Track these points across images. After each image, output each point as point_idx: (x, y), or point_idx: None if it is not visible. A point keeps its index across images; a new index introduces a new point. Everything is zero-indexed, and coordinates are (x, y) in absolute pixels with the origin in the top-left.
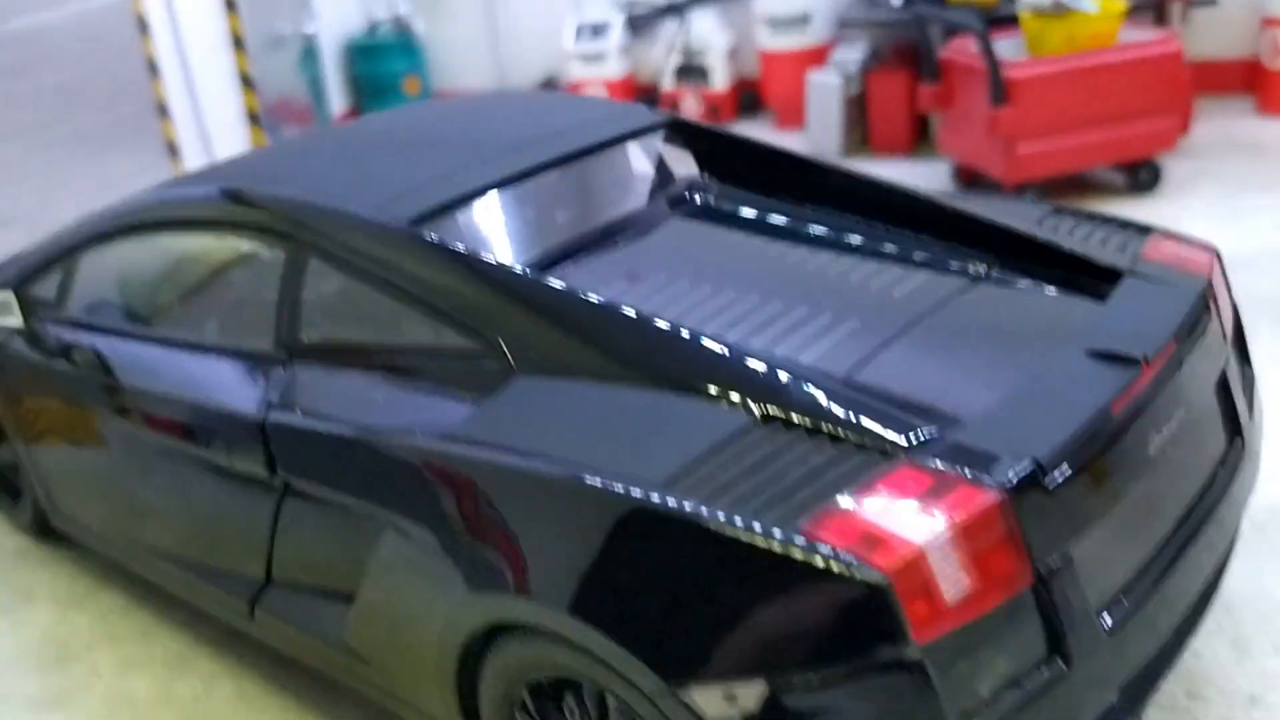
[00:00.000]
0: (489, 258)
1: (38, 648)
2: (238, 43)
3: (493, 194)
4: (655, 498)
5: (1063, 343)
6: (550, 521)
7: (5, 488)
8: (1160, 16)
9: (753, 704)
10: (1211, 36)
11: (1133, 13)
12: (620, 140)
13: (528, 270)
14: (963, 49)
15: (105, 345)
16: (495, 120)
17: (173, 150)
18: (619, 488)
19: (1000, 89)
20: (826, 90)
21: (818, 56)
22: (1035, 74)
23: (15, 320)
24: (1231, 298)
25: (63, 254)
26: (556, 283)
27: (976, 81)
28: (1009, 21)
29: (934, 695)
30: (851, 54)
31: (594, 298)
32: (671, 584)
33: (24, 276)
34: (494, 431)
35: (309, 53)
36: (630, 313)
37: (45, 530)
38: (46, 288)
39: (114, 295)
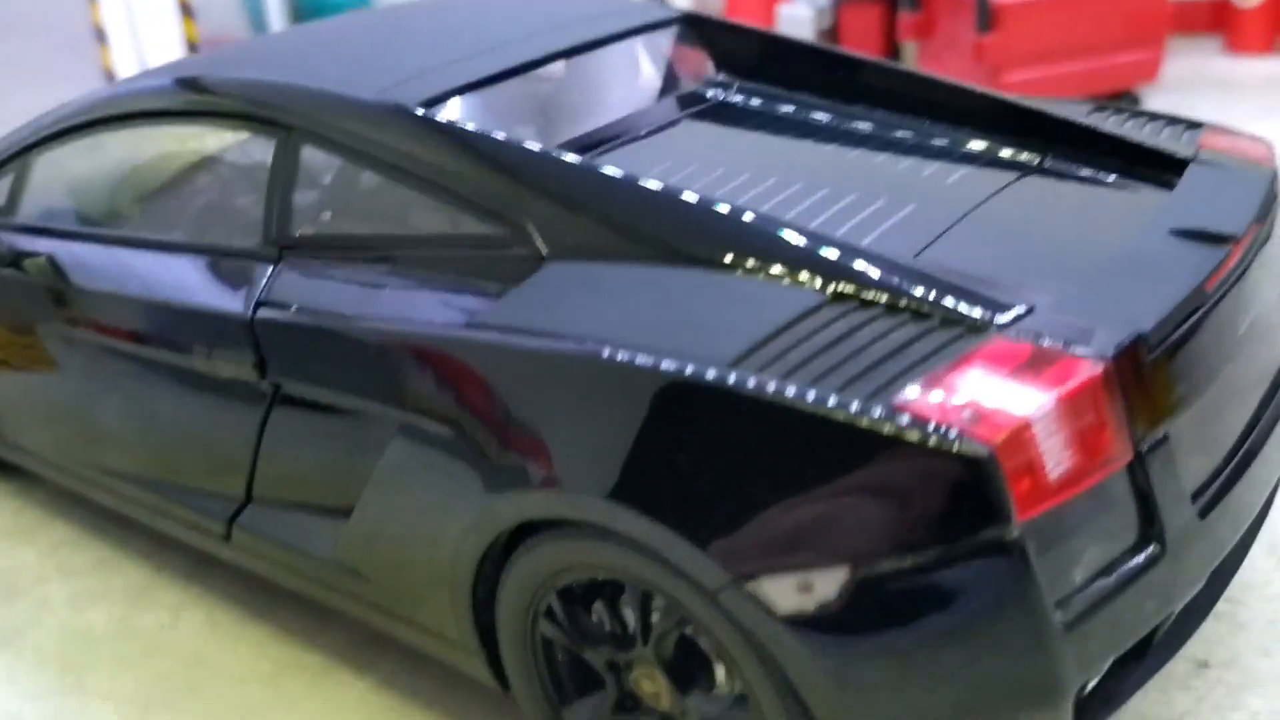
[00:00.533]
0: (511, 139)
1: None
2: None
3: (504, 82)
4: (722, 375)
5: (1141, 225)
6: (600, 409)
7: None
8: None
9: (833, 593)
10: None
11: None
12: (633, 33)
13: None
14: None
15: (63, 250)
16: (497, 13)
17: (110, 79)
18: (680, 367)
19: (987, 15)
20: (797, 24)
21: None
22: (1023, 0)
23: None
24: None
25: (12, 157)
26: (597, 163)
27: (962, 9)
28: None
29: (1032, 580)
30: None
31: (634, 178)
32: (740, 469)
33: None
34: (527, 317)
35: (259, 23)
36: (673, 191)
37: None
38: None
39: (72, 198)
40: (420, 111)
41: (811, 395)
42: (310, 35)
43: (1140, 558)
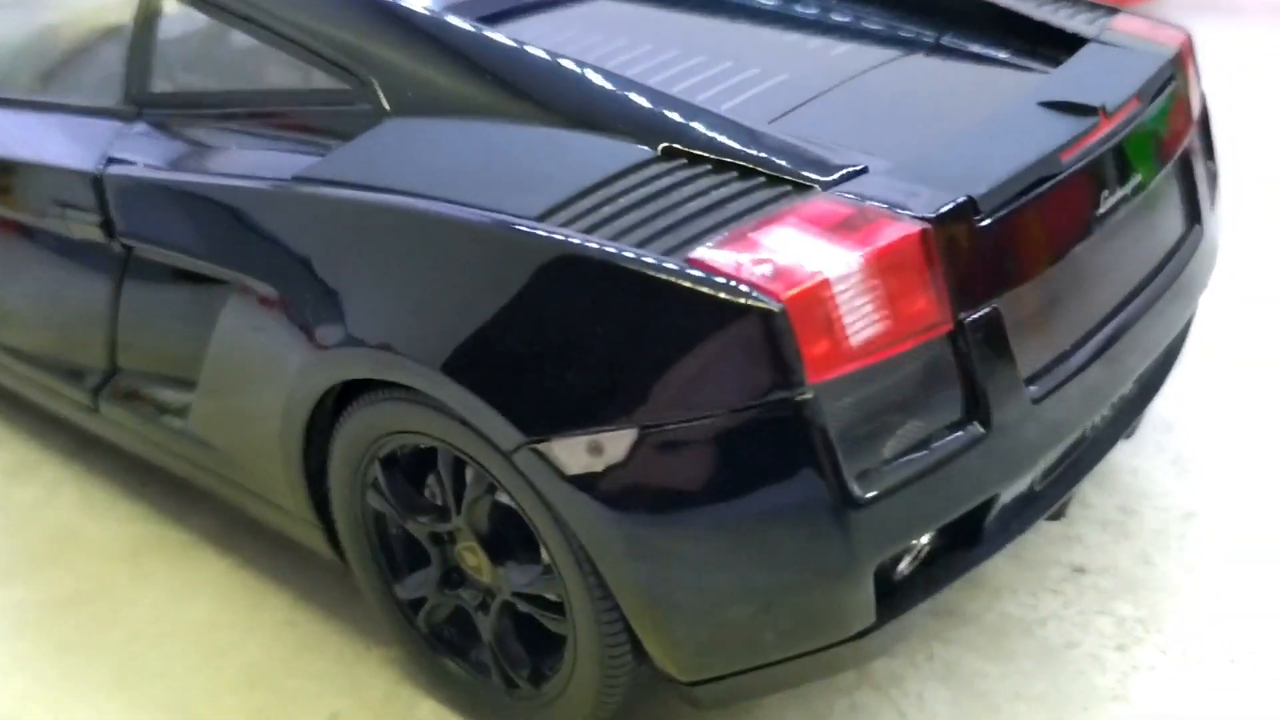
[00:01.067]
0: None
1: None
2: None
3: None
4: (523, 228)
5: (1013, 98)
6: (410, 263)
7: None
8: None
9: (621, 454)
10: None
11: None
12: None
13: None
14: None
15: None
16: None
17: None
18: (482, 219)
19: None
20: None
21: None
22: None
23: None
24: (1200, 86)
25: None
26: (439, 14)
27: None
28: None
29: (829, 447)
30: None
31: (480, 29)
32: (536, 326)
33: None
34: (354, 171)
35: None
36: (520, 45)
37: None
38: None
39: None
40: None
41: (609, 248)
42: None
43: (960, 435)
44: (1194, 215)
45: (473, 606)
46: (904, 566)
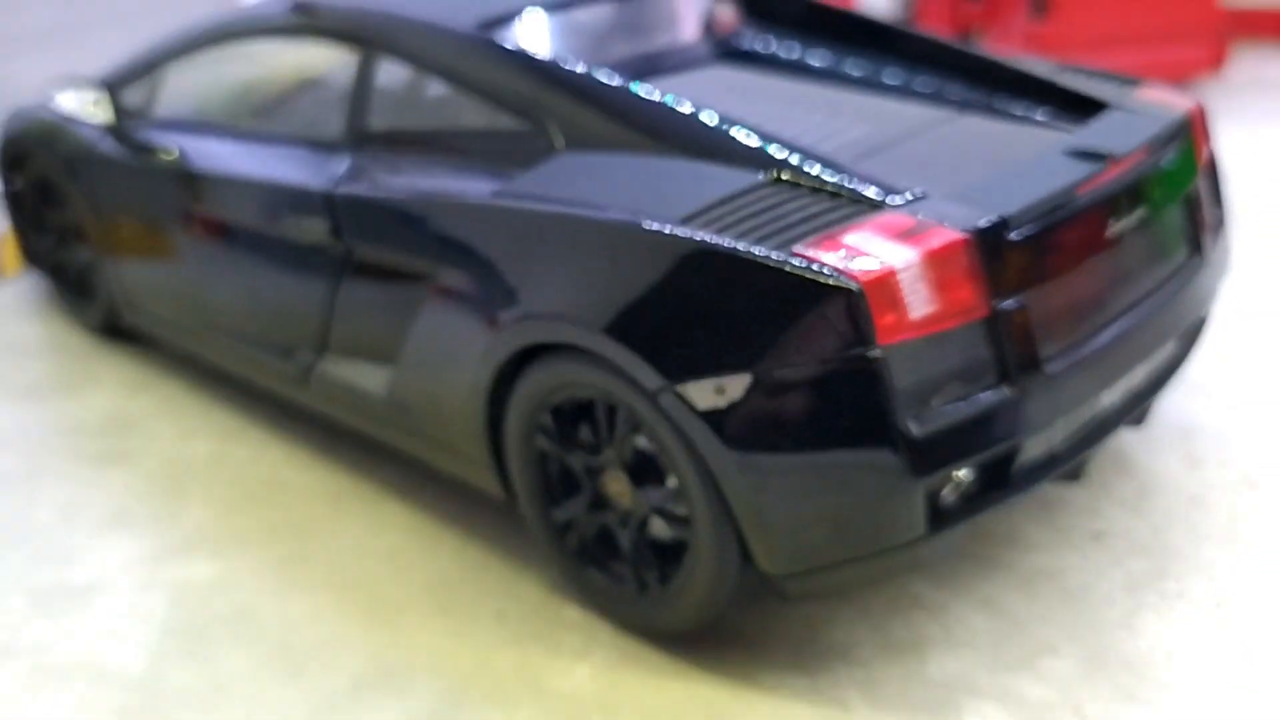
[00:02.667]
0: (542, 55)
1: (102, 419)
2: None
3: (549, 12)
4: (670, 229)
5: (1043, 147)
6: (583, 255)
7: (80, 289)
8: None
9: (739, 394)
10: None
11: None
12: None
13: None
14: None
15: (186, 141)
16: None
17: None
18: (639, 221)
19: (1041, 4)
20: (879, 10)
21: None
22: None
23: (108, 116)
24: (1211, 145)
25: (151, 65)
26: (601, 73)
27: (1022, 6)
28: None
29: (892, 393)
30: None
31: (634, 86)
32: (679, 300)
33: (117, 80)
34: (540, 190)
35: None
36: (666, 98)
37: (112, 330)
38: (136, 95)
39: (196, 100)
40: (476, 31)
41: (733, 243)
42: None
43: (991, 395)
44: (1196, 245)
45: (615, 524)
46: (948, 494)
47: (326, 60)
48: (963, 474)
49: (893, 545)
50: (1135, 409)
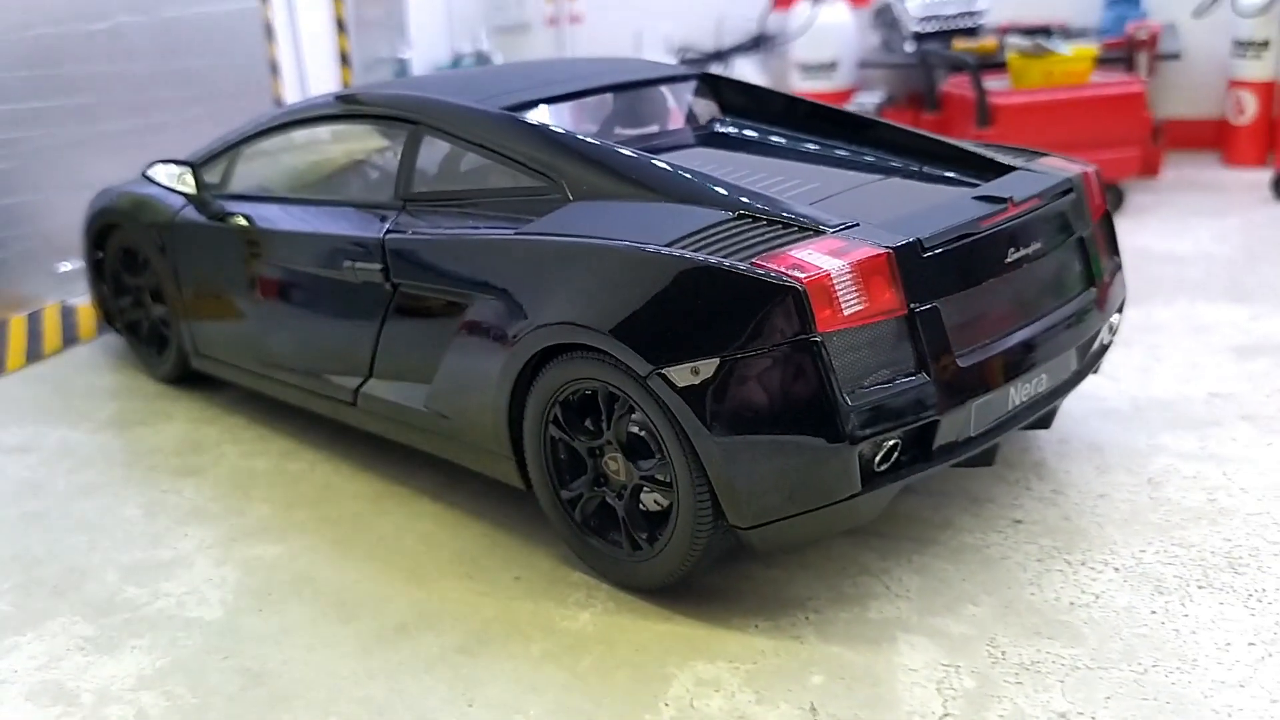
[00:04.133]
0: (556, 129)
1: (176, 443)
2: (344, 59)
3: (562, 102)
4: (658, 250)
5: (959, 195)
6: (590, 273)
7: (153, 343)
8: (1130, 66)
9: (710, 374)
10: (1186, 99)
11: (1108, 64)
12: (661, 81)
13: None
14: (960, 84)
15: (255, 209)
16: (572, 66)
17: (278, 103)
18: (637, 247)
19: (985, 113)
20: None
21: (843, 99)
22: (1015, 102)
23: (190, 188)
24: (1105, 203)
25: (227, 147)
26: (600, 143)
27: (969, 109)
28: (1002, 66)
29: (829, 368)
30: (871, 97)
31: (629, 151)
32: (664, 303)
33: (199, 160)
34: (555, 228)
35: (401, 74)
36: (654, 159)
37: (181, 378)
38: (214, 173)
39: (263, 175)
40: (503, 112)
41: (708, 259)
42: (434, 76)
43: (911, 379)
44: (1090, 280)
45: (613, 497)
46: (879, 461)
47: (369, 138)
48: (890, 443)
49: (834, 500)
50: (1041, 410)
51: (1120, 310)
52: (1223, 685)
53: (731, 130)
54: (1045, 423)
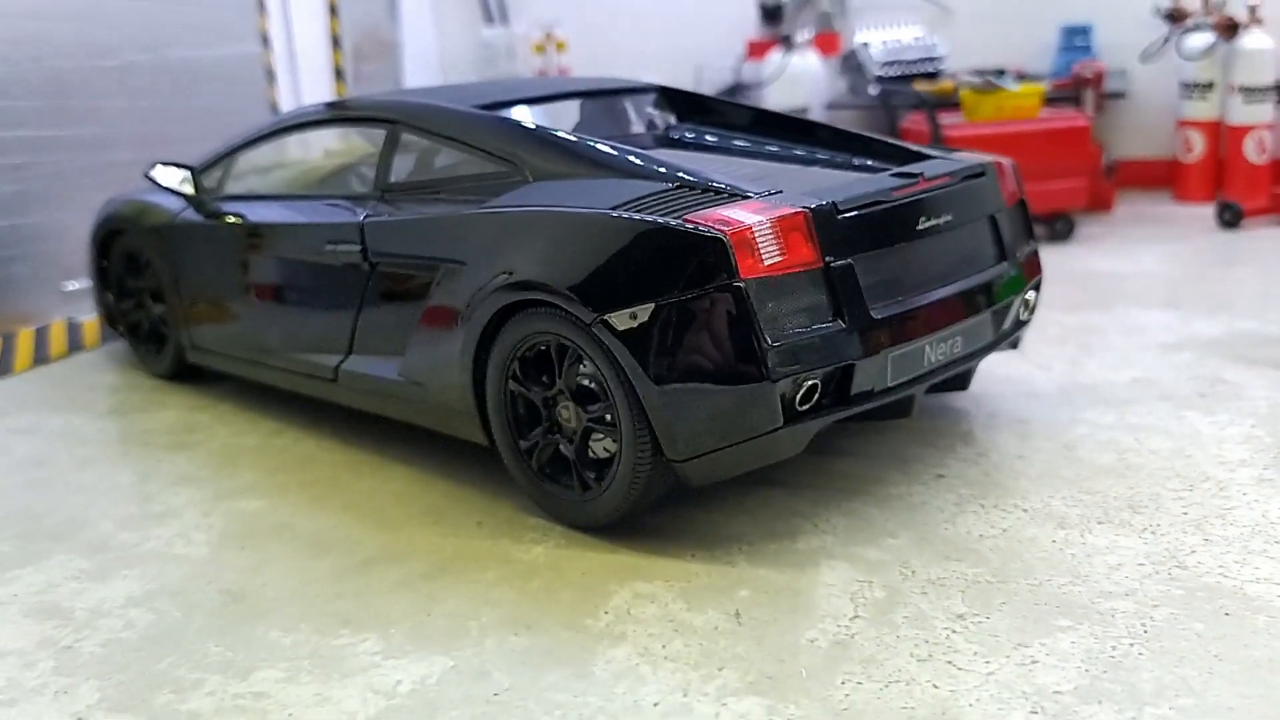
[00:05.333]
0: (521, 121)
1: (170, 426)
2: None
3: (527, 105)
4: (605, 212)
5: (879, 176)
6: (548, 236)
7: (152, 341)
8: (1077, 103)
9: (646, 318)
10: (1138, 140)
11: (1058, 102)
12: (622, 93)
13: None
14: (918, 120)
15: (249, 208)
16: (542, 81)
17: (274, 110)
18: (584, 210)
19: (939, 144)
20: None
21: None
22: (967, 133)
23: (189, 189)
24: (1021, 190)
25: (225, 153)
26: (557, 132)
27: (925, 141)
28: (958, 105)
29: (752, 314)
30: None
31: (584, 139)
32: (606, 257)
33: (199, 165)
34: (517, 202)
35: None
36: (603, 145)
37: (177, 374)
38: (212, 177)
39: (258, 178)
40: (476, 110)
41: (647, 217)
42: (413, 89)
43: (828, 325)
44: (1002, 255)
45: (565, 444)
46: (800, 400)
47: (353, 141)
48: (810, 383)
49: (758, 433)
50: (958, 369)
51: (1037, 289)
52: (1109, 595)
53: (686, 134)
54: (963, 383)
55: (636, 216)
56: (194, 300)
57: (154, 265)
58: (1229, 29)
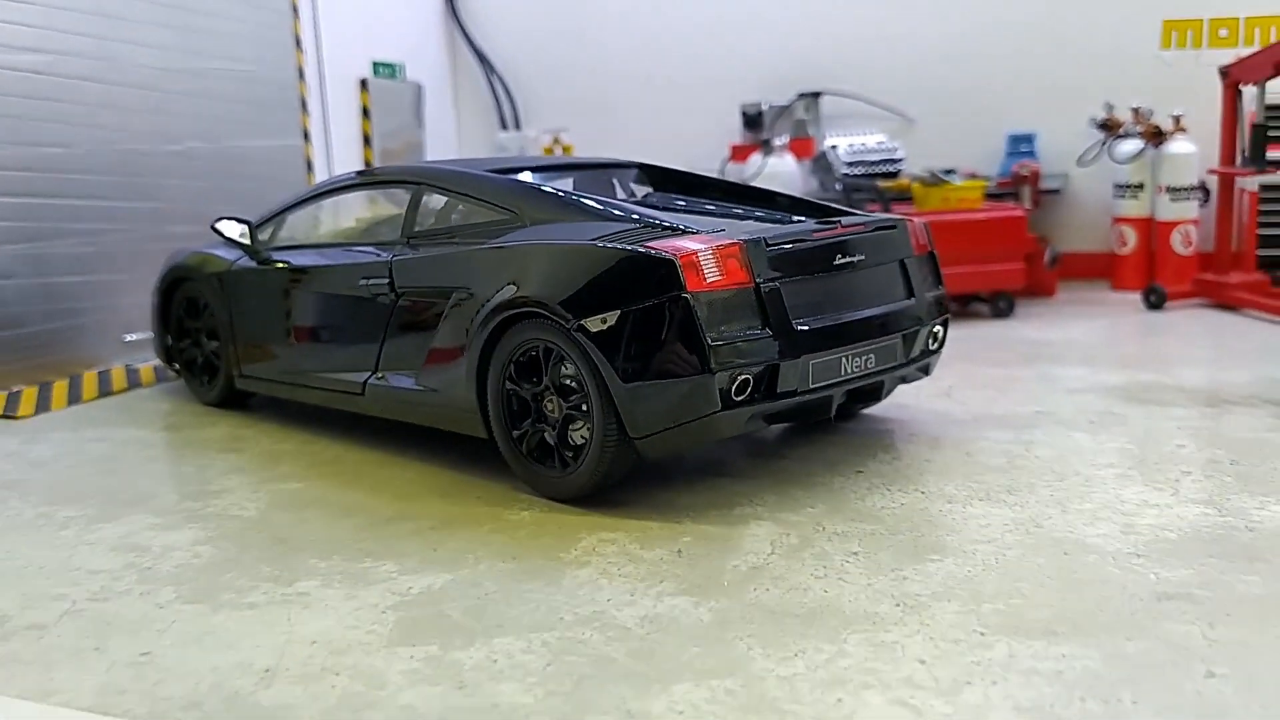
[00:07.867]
0: (519, 179)
1: (220, 437)
2: None
3: (532, 172)
4: (579, 243)
5: (805, 225)
6: (541, 262)
7: (205, 373)
8: (1016, 198)
9: (614, 322)
10: (1079, 235)
11: (1001, 198)
12: (609, 167)
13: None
14: (875, 209)
15: (295, 255)
16: (544, 157)
17: None
18: (570, 241)
19: None
20: None
21: None
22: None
23: (247, 241)
24: (931, 245)
25: (277, 211)
26: (549, 186)
27: None
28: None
29: (697, 317)
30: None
31: (570, 194)
32: (584, 279)
33: (256, 221)
34: (516, 239)
35: None
36: (583, 196)
37: (224, 402)
38: (266, 231)
39: (304, 230)
40: (487, 172)
41: (616, 245)
42: (431, 161)
43: (758, 332)
44: (910, 293)
45: (549, 432)
46: (735, 391)
47: (378, 207)
48: (743, 377)
49: (700, 415)
50: (872, 380)
51: (944, 325)
52: (975, 541)
53: (658, 198)
54: (876, 396)
55: (609, 245)
56: (246, 334)
57: (211, 306)
58: (1156, 136)
